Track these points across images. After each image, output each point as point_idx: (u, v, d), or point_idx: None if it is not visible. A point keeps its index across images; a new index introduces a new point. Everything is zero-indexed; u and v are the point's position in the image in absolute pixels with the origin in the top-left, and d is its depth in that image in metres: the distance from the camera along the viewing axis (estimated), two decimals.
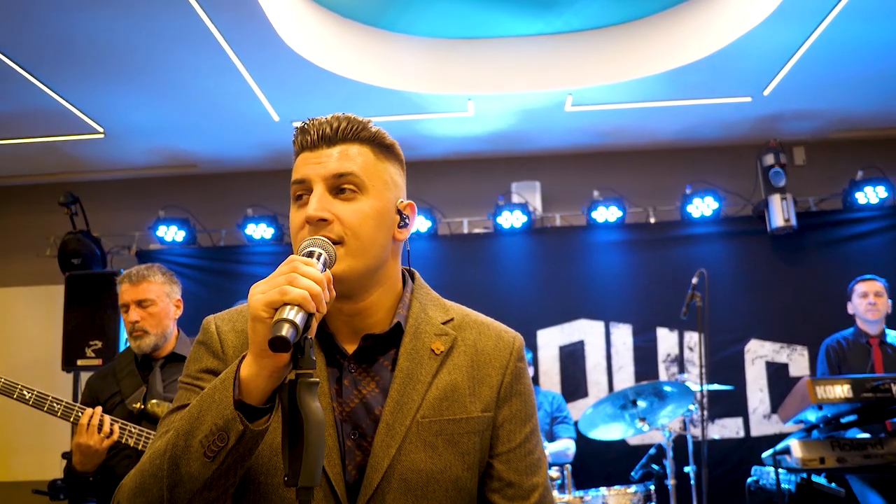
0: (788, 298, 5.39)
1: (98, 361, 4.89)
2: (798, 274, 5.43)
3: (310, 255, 1.16)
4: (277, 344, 1.01)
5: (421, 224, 5.53)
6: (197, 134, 5.39)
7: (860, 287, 4.55)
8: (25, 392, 2.73)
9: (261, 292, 1.07)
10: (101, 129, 5.21)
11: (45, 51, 4.19)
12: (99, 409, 2.73)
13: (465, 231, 5.77)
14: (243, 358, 1.11)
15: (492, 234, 5.67)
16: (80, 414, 2.71)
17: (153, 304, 2.90)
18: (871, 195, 5.32)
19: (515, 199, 5.63)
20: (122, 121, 5.12)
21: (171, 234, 5.61)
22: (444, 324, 1.36)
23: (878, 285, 4.54)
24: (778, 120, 5.48)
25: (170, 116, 5.11)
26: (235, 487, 1.17)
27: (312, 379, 1.06)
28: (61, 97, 4.72)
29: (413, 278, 1.43)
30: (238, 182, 5.99)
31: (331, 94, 4.79)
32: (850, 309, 4.58)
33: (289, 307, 1.04)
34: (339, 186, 1.27)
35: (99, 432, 2.68)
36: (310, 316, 1.06)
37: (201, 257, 5.76)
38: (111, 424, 2.70)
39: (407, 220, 1.37)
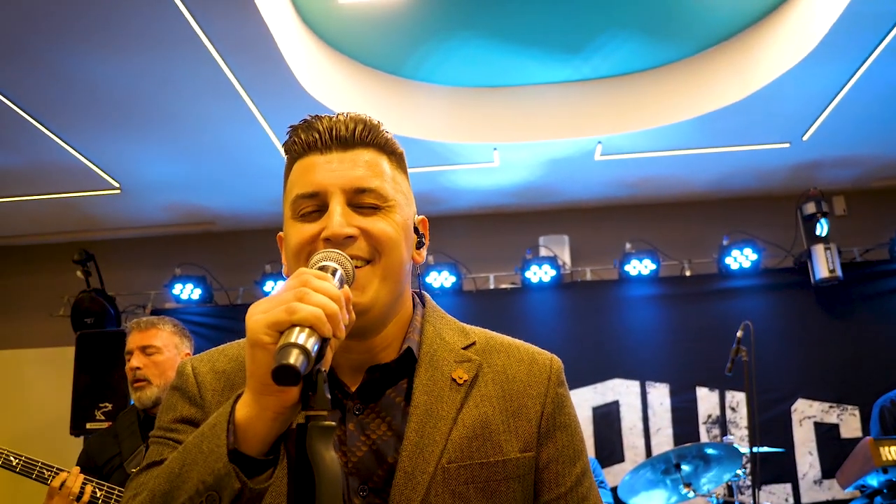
0: (836, 354, 5.08)
1: (107, 424, 4.66)
2: (845, 328, 5.13)
3: (323, 269, 0.95)
4: (283, 375, 0.78)
5: (445, 279, 5.32)
6: (214, 188, 5.26)
7: None
8: (12, 458, 2.51)
9: (262, 311, 0.85)
10: (117, 185, 5.10)
11: (61, 103, 4.10)
12: (75, 470, 2.50)
13: (492, 286, 5.54)
14: (238, 397, 0.89)
15: (519, 289, 5.45)
16: (53, 476, 2.49)
17: (159, 352, 2.69)
18: None
19: (544, 252, 5.41)
20: (138, 175, 5.00)
21: (188, 292, 5.44)
22: (464, 349, 1.16)
23: None
24: (816, 168, 5.27)
25: (187, 170, 4.99)
26: None
27: (327, 423, 0.83)
28: (77, 151, 4.61)
29: (423, 301, 1.22)
30: (256, 238, 5.83)
31: None
32: None
33: (298, 329, 0.82)
34: (363, 200, 1.06)
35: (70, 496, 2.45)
36: (324, 341, 0.84)
37: (218, 316, 5.57)
38: (84, 484, 2.46)
39: (423, 239, 1.17)
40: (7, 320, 5.93)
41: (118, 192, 5.17)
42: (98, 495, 2.51)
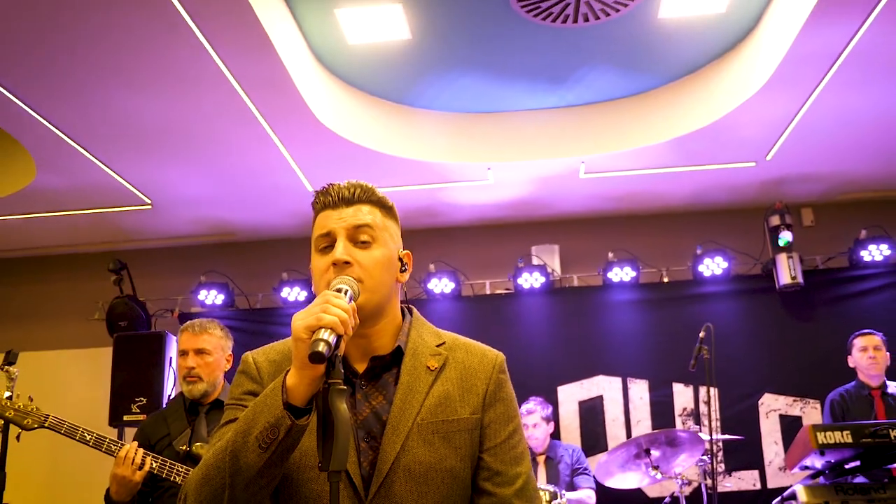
0: (798, 353, 5.59)
1: (143, 416, 5.19)
2: (807, 330, 5.64)
3: (339, 290, 1.48)
4: (315, 358, 1.30)
5: (445, 286, 5.85)
6: (236, 204, 5.80)
7: (859, 342, 4.76)
8: (86, 434, 3.07)
9: (301, 318, 1.39)
10: (148, 201, 5.65)
11: (103, 132, 4.64)
12: (135, 444, 3.05)
13: (488, 292, 6.07)
14: (288, 371, 1.42)
15: (512, 294, 5.97)
16: (118, 448, 3.04)
17: (209, 354, 3.24)
18: (875, 253, 5.56)
19: (535, 261, 5.95)
20: (168, 192, 5.55)
21: (212, 297, 5.99)
22: (437, 346, 1.65)
23: (876, 339, 4.75)
24: (784, 183, 5.77)
25: (211, 188, 5.52)
26: (278, 481, 1.47)
27: (341, 387, 1.36)
28: (115, 172, 5.16)
29: (411, 312, 1.73)
30: (273, 249, 6.38)
31: (360, 166, 5.19)
32: (851, 363, 4.78)
33: (324, 329, 1.35)
34: (357, 237, 1.60)
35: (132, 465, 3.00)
36: (339, 337, 1.37)
37: (239, 319, 6.11)
38: (143, 457, 3.01)
39: (405, 266, 1.68)
40: (48, 324, 6.48)
41: (149, 207, 5.72)
42: (154, 465, 3.06)
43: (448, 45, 4.62)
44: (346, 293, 1.47)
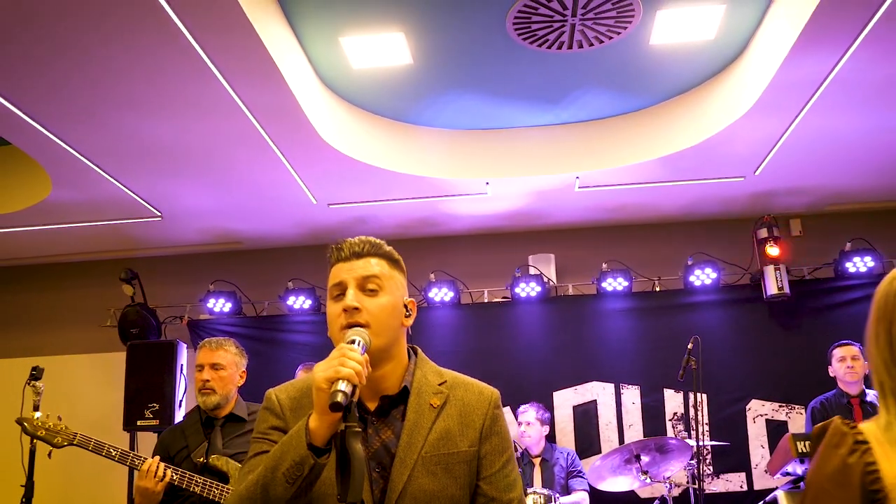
0: (785, 361, 5.81)
1: (155, 422, 5.43)
2: (793, 338, 5.86)
3: (352, 342, 1.69)
4: (335, 408, 1.52)
5: (445, 294, 6.07)
6: (244, 216, 6.02)
7: (838, 352, 4.98)
8: (112, 450, 3.30)
9: (322, 371, 1.60)
10: (158, 213, 5.86)
11: (117, 152, 4.83)
12: (157, 458, 3.27)
13: (486, 300, 6.29)
14: (310, 416, 1.64)
15: (510, 302, 6.19)
16: (142, 462, 3.27)
17: (224, 368, 3.46)
18: (859, 265, 5.78)
19: (531, 270, 6.16)
20: (177, 206, 5.75)
21: (220, 305, 6.21)
22: (439, 385, 1.86)
23: (854, 350, 4.97)
24: (772, 196, 5.98)
25: (220, 202, 5.72)
26: None
27: (357, 429, 1.58)
28: (126, 188, 5.36)
29: (416, 353, 1.94)
30: (279, 257, 6.60)
31: (362, 182, 5.39)
32: (832, 372, 5.00)
33: (341, 381, 1.57)
34: (366, 286, 1.81)
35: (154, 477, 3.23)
36: (354, 386, 1.59)
37: (246, 326, 6.33)
38: (164, 470, 3.23)
39: (410, 312, 1.89)
40: (62, 329, 6.69)
41: (160, 218, 5.94)
42: (174, 477, 3.28)
43: (448, 69, 4.81)
44: (359, 344, 1.68)
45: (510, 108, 5.30)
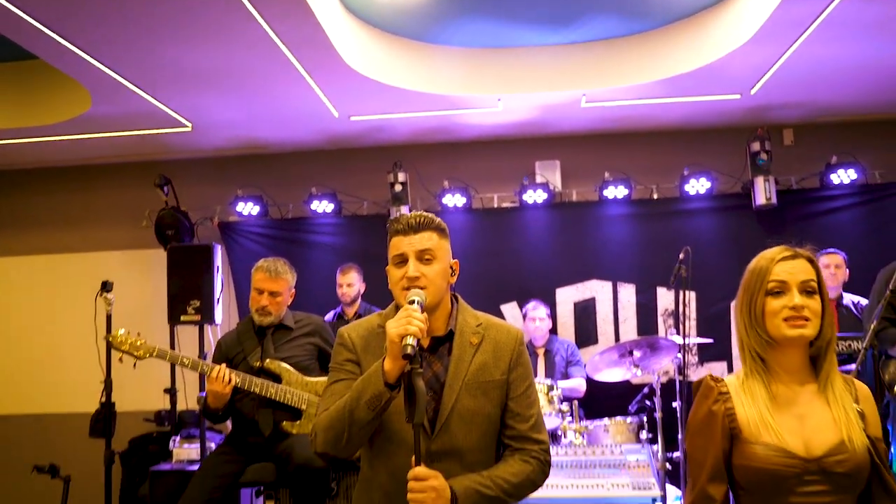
0: None
1: (197, 317, 5.97)
2: (779, 244, 6.33)
3: (412, 302, 2.18)
4: (406, 357, 2.04)
5: (458, 200, 6.53)
6: (270, 127, 6.40)
7: (823, 259, 5.49)
8: (185, 360, 3.87)
9: (394, 328, 2.09)
10: (188, 124, 6.24)
11: (152, 71, 5.15)
12: (224, 365, 3.83)
13: (495, 205, 6.77)
14: (384, 359, 2.15)
15: (518, 208, 6.66)
16: (207, 369, 3.83)
17: (280, 295, 3.99)
18: (843, 177, 6.21)
19: (538, 178, 6.60)
20: (206, 117, 6.10)
21: (248, 209, 6.67)
22: (476, 326, 2.38)
23: (838, 258, 5.50)
24: (767, 109, 6.33)
25: (246, 112, 6.05)
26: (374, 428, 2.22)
27: (420, 370, 2.10)
28: (160, 102, 5.72)
29: (457, 300, 2.44)
30: (303, 161, 7.01)
31: (382, 98, 5.75)
32: None
33: (410, 336, 2.07)
34: (423, 258, 2.29)
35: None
36: (418, 340, 2.10)
37: (272, 228, 6.83)
38: (229, 374, 3.81)
39: (454, 272, 2.39)
40: (101, 227, 7.16)
41: (189, 129, 6.32)
42: (237, 381, 3.86)
43: None
44: (418, 303, 2.18)
45: (522, 28, 5.59)
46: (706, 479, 1.99)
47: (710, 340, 5.83)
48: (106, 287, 4.28)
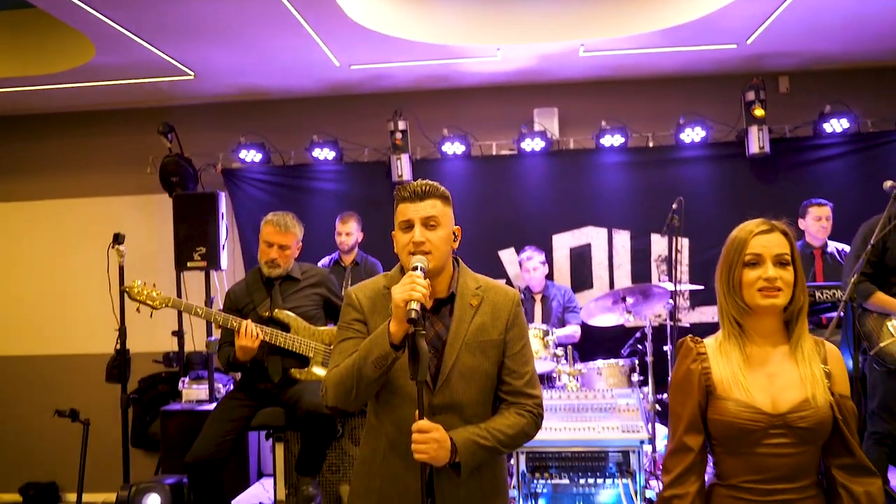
0: (762, 212, 6.33)
1: (203, 263, 6.16)
2: (771, 191, 6.50)
3: (415, 268, 2.34)
4: (411, 321, 2.21)
5: (457, 148, 6.63)
6: (272, 75, 6.46)
7: (814, 211, 5.66)
8: (199, 310, 4.05)
9: (399, 294, 2.25)
10: (191, 73, 6.30)
11: (153, 23, 5.21)
12: (250, 321, 4.01)
13: (494, 153, 6.88)
14: (390, 321, 2.32)
15: (516, 155, 6.77)
16: (235, 325, 4.01)
17: (289, 248, 4.15)
18: (836, 126, 6.31)
19: (537, 127, 6.70)
20: (208, 65, 6.17)
21: (251, 156, 6.78)
22: (476, 289, 2.54)
23: (827, 210, 5.66)
24: (762, 58, 6.39)
25: (246, 60, 6.11)
26: (380, 385, 2.41)
27: (423, 332, 2.27)
28: (162, 52, 5.78)
29: (458, 263, 2.60)
30: (304, 108, 7.08)
31: (382, 48, 5.81)
32: (802, 225, 5.71)
33: (413, 301, 2.24)
34: (428, 224, 2.44)
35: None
36: (422, 304, 2.26)
37: (275, 174, 6.95)
38: (256, 329, 4.00)
39: (457, 237, 2.55)
40: (106, 173, 7.26)
41: (192, 77, 6.39)
42: (261, 334, 4.04)
43: None
44: (421, 269, 2.34)
45: None
46: (683, 430, 2.19)
47: (700, 287, 6.02)
48: (118, 239, 4.44)
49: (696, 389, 2.18)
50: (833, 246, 5.73)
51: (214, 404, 5.76)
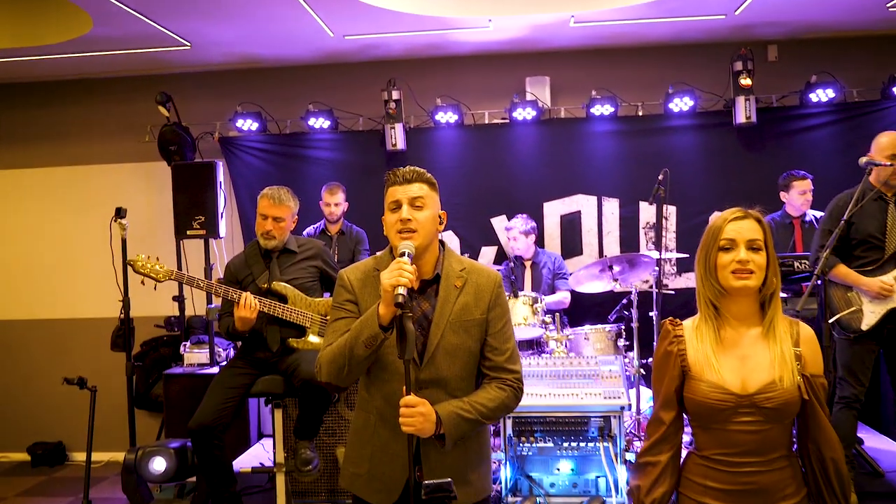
0: (748, 180, 6.61)
1: (202, 232, 6.31)
2: (757, 160, 6.63)
3: (402, 254, 2.51)
4: (398, 305, 2.38)
5: (450, 117, 6.74)
6: (268, 45, 6.55)
7: (798, 185, 5.80)
8: (200, 283, 4.21)
9: (387, 279, 2.42)
10: (188, 44, 6.38)
11: None
12: (249, 293, 4.19)
13: (486, 122, 6.99)
14: (378, 304, 2.49)
15: (508, 124, 6.88)
16: (235, 296, 4.19)
17: (283, 221, 4.31)
18: (822, 96, 6.41)
19: (528, 96, 6.80)
20: (205, 36, 6.25)
21: (248, 125, 6.89)
22: (460, 271, 2.71)
23: (809, 183, 5.82)
24: (751, 27, 6.48)
25: (245, 34, 6.22)
26: (371, 362, 2.59)
27: (410, 314, 2.44)
28: (161, 26, 5.87)
29: (444, 247, 2.77)
30: (299, 76, 7.17)
31: (374, 19, 5.89)
32: (784, 197, 5.86)
33: (401, 286, 2.41)
34: (415, 204, 2.60)
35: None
36: (410, 289, 2.44)
37: (271, 143, 7.06)
38: (255, 301, 4.18)
39: (442, 221, 2.71)
40: (105, 140, 7.38)
41: (189, 47, 6.47)
42: (259, 306, 4.22)
43: None
44: (408, 255, 2.51)
45: None
46: (659, 406, 2.40)
47: (685, 255, 6.19)
48: (120, 213, 4.58)
49: (673, 370, 2.36)
50: (811, 214, 5.89)
51: (216, 368, 6.00)
